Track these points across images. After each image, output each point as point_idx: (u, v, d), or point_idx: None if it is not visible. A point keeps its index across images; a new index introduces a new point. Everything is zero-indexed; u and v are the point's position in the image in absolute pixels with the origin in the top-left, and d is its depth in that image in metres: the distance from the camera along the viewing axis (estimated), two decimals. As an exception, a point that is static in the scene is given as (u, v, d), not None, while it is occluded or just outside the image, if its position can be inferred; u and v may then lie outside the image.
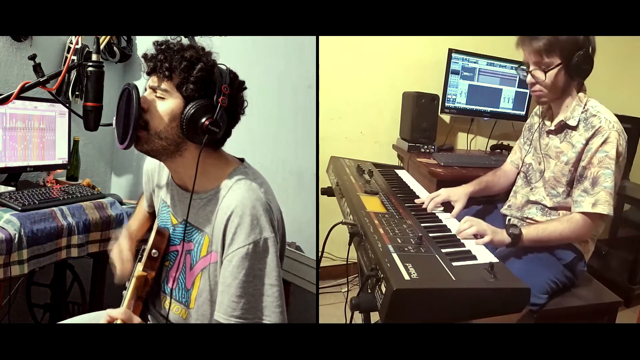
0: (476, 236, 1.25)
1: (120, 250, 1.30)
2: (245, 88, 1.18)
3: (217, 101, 1.09)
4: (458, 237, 1.24)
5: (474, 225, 1.26)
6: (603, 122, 1.39)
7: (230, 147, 1.21)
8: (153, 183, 1.32)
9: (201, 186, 1.15)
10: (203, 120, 1.08)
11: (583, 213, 1.39)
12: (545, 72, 1.41)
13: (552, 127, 1.52)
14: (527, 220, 1.57)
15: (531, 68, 1.44)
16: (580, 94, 1.47)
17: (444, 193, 1.51)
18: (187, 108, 1.08)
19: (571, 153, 1.44)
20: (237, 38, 1.19)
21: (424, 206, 1.47)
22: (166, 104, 1.09)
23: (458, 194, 1.55)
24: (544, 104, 1.56)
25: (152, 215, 1.42)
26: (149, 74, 1.12)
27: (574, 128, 1.46)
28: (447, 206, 1.52)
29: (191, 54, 1.09)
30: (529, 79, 1.46)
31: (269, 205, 1.11)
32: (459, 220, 1.35)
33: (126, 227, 1.41)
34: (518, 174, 1.71)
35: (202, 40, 1.16)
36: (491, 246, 1.26)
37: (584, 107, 1.45)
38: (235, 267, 1.06)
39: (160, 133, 1.09)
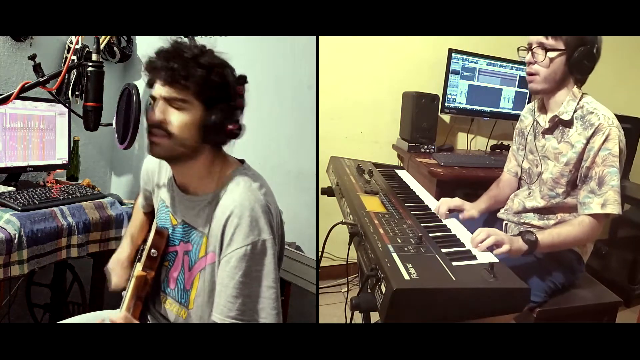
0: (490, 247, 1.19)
1: (119, 259, 1.30)
2: (247, 82, 1.18)
3: (236, 104, 1.11)
4: (475, 250, 1.16)
5: (491, 235, 1.19)
6: (602, 119, 1.36)
7: (230, 147, 1.21)
8: (153, 183, 1.32)
9: (202, 188, 1.15)
10: (228, 125, 1.09)
11: (591, 215, 1.37)
12: (546, 52, 1.39)
13: (547, 125, 1.49)
14: (525, 225, 1.55)
15: (533, 47, 1.42)
16: (575, 89, 1.44)
17: (458, 200, 1.49)
18: (210, 116, 1.08)
19: (571, 153, 1.42)
20: (237, 38, 1.19)
21: (435, 209, 1.44)
22: (186, 115, 1.08)
23: (471, 205, 1.53)
24: (536, 92, 1.52)
25: (148, 216, 1.41)
26: (162, 85, 1.07)
27: (569, 124, 1.43)
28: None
29: (206, 60, 1.08)
30: (528, 57, 1.44)
31: (268, 207, 1.11)
32: (465, 227, 1.33)
33: (129, 234, 1.40)
34: (519, 180, 1.68)
35: (201, 40, 1.15)
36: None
37: (578, 103, 1.42)
38: (233, 267, 1.06)
39: (184, 141, 1.09)
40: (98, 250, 1.76)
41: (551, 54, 1.39)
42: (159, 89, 1.08)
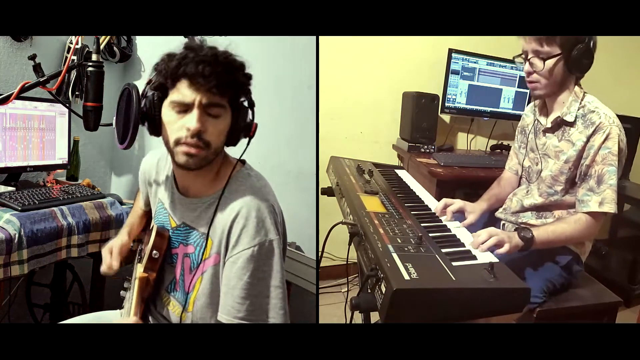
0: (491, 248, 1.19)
1: (112, 246, 1.30)
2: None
3: (251, 102, 1.11)
4: (475, 250, 1.16)
5: (492, 236, 1.19)
6: (603, 118, 1.37)
7: (230, 147, 1.20)
8: (150, 181, 1.32)
9: (205, 190, 1.15)
10: (251, 126, 1.10)
11: (589, 213, 1.38)
12: (544, 61, 1.38)
13: (549, 125, 1.49)
14: (523, 225, 1.55)
15: (530, 56, 1.41)
16: (577, 89, 1.44)
17: (460, 202, 1.47)
18: (237, 118, 1.09)
19: (571, 151, 1.42)
20: (237, 38, 1.19)
21: (435, 209, 1.43)
22: (222, 121, 1.07)
23: (473, 207, 1.52)
24: (539, 97, 1.52)
25: (147, 213, 1.41)
26: (197, 90, 1.02)
27: (572, 124, 1.43)
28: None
29: (239, 63, 1.07)
30: (526, 67, 1.43)
31: (272, 207, 1.10)
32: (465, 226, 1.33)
33: (128, 224, 1.40)
34: (520, 178, 1.68)
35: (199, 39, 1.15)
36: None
37: (580, 103, 1.43)
38: (240, 268, 1.06)
39: (217, 149, 1.09)
40: (98, 250, 1.76)
41: (549, 62, 1.38)
42: (193, 95, 1.02)
